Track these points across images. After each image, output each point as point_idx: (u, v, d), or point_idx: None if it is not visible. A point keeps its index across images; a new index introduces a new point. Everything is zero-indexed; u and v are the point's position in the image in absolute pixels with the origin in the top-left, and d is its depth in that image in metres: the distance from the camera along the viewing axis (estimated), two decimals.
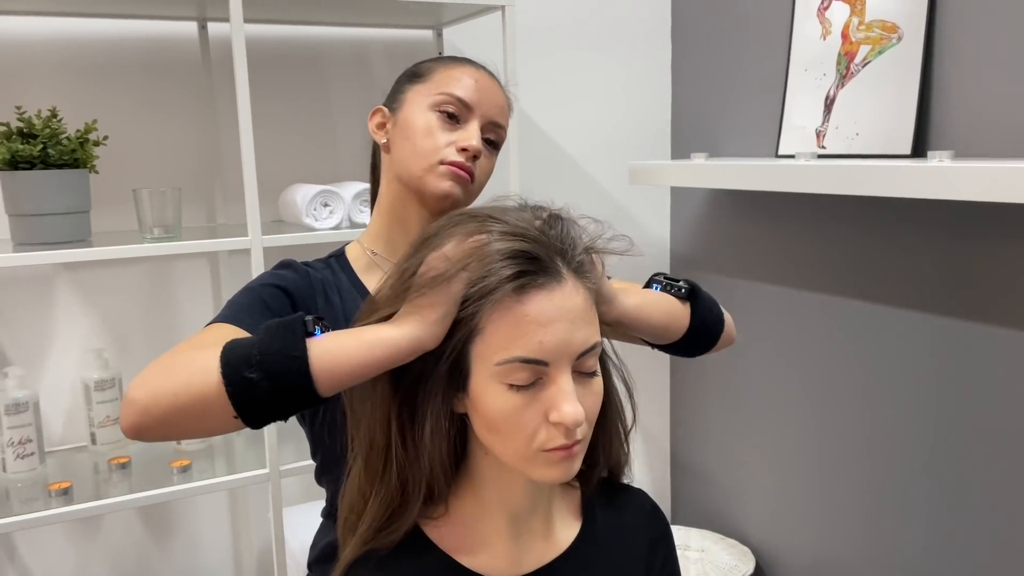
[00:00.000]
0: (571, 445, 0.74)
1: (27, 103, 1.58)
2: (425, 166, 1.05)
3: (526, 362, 0.72)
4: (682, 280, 1.01)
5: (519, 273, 0.72)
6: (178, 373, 0.75)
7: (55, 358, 1.68)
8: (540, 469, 0.75)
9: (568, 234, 0.77)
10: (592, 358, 0.75)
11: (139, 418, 0.75)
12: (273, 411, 0.74)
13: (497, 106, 1.11)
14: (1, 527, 1.40)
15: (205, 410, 0.74)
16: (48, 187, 1.44)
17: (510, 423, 0.73)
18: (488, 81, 1.11)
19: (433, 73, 1.10)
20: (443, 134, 1.06)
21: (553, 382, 0.73)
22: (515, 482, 0.81)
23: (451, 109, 1.07)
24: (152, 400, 0.75)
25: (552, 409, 0.72)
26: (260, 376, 0.72)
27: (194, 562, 1.86)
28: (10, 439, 1.52)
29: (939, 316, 1.58)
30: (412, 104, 1.09)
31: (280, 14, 1.69)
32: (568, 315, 0.73)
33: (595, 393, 0.77)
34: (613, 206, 2.19)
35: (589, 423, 0.77)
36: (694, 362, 2.23)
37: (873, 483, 1.75)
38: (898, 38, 1.59)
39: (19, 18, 1.60)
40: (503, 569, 0.82)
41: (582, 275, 0.77)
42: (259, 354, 0.73)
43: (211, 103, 1.74)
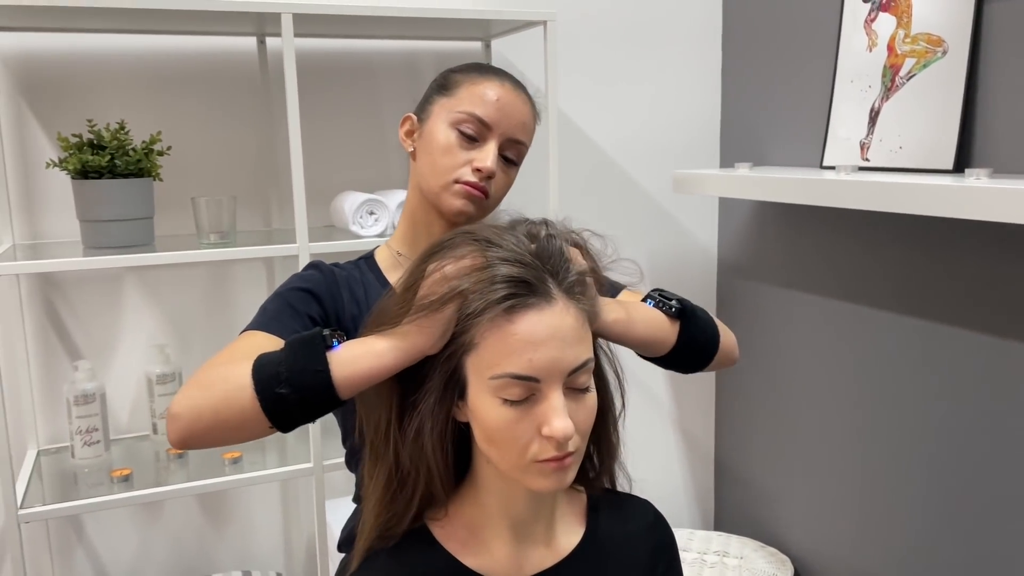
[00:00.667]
0: (563, 457, 0.78)
1: (98, 115, 1.70)
2: (442, 183, 1.11)
3: (517, 378, 0.76)
4: (675, 299, 1.03)
5: (509, 295, 0.76)
6: (215, 390, 0.84)
7: (122, 353, 1.80)
8: (534, 479, 0.79)
9: (562, 256, 0.81)
10: (583, 375, 0.79)
11: (184, 433, 0.85)
12: (303, 418, 0.83)
13: (518, 123, 1.13)
14: (69, 510, 1.51)
15: (243, 423, 0.83)
16: (115, 195, 1.55)
17: (504, 435, 0.78)
18: (511, 96, 1.13)
19: (459, 87, 1.13)
20: (461, 153, 1.11)
21: (545, 398, 0.77)
22: (516, 489, 0.85)
23: (470, 130, 1.11)
24: (195, 416, 0.84)
25: (544, 424, 0.77)
26: (290, 391, 0.81)
27: (248, 547, 1.96)
28: (78, 427, 1.64)
29: (981, 333, 1.56)
30: (436, 118, 1.13)
31: (333, 29, 1.77)
32: (558, 334, 0.77)
33: (588, 408, 0.81)
34: (660, 213, 2.22)
35: (582, 436, 0.81)
36: (739, 369, 2.23)
37: (915, 497, 1.74)
38: (943, 52, 1.57)
39: (92, 35, 1.71)
40: (504, 571, 0.87)
41: (573, 295, 0.80)
42: (287, 371, 0.81)
43: (268, 113, 1.83)
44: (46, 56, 1.69)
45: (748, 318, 2.19)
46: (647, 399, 2.29)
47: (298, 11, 1.52)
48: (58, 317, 1.75)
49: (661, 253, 2.24)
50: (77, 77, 1.71)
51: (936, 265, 1.65)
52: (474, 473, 0.88)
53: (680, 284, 2.27)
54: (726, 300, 2.28)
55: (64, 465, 1.69)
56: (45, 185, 1.71)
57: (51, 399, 1.77)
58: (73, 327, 1.77)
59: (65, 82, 1.70)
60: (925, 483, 1.70)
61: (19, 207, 1.70)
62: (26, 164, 1.70)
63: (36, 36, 1.67)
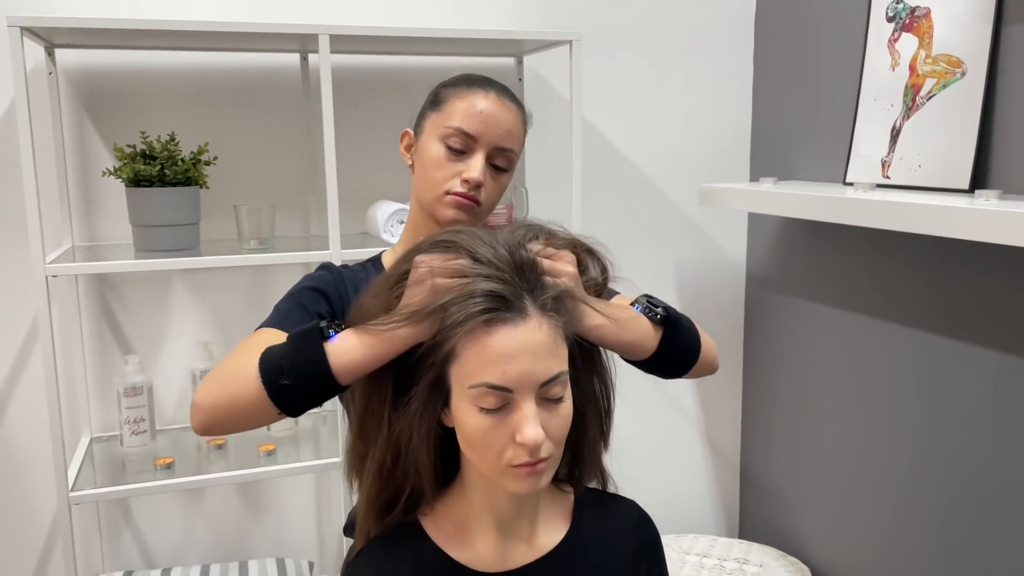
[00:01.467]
0: (535, 463, 0.85)
1: (151, 126, 1.82)
2: (435, 195, 1.18)
3: (492, 388, 0.83)
4: (661, 306, 1.06)
5: (487, 309, 0.83)
6: (229, 384, 0.94)
7: (169, 348, 1.92)
8: (510, 482, 0.86)
9: (536, 272, 0.87)
10: (556, 387, 0.85)
11: (205, 421, 0.96)
12: (308, 404, 0.93)
13: (503, 132, 1.18)
14: (114, 494, 1.63)
15: (255, 411, 0.93)
16: (164, 202, 1.66)
17: (481, 441, 0.85)
18: (495, 107, 1.18)
19: (446, 102, 1.19)
20: (450, 165, 1.17)
21: (518, 407, 0.84)
22: (499, 490, 0.92)
23: (457, 143, 1.17)
24: (213, 406, 0.95)
25: (516, 431, 0.83)
26: (292, 381, 0.90)
27: (283, 535, 2.06)
28: (127, 418, 1.76)
29: (999, 351, 1.58)
30: (428, 133, 1.20)
31: (370, 47, 1.86)
32: (531, 348, 0.83)
33: (561, 417, 0.87)
34: (689, 225, 2.26)
35: (556, 443, 0.87)
36: (766, 379, 2.26)
37: (937, 512, 1.76)
38: (962, 73, 1.59)
39: (147, 52, 1.83)
40: (489, 564, 0.94)
41: (547, 311, 0.86)
42: (288, 363, 0.91)
43: (309, 125, 1.93)
44: (105, 71, 1.81)
45: (775, 329, 2.23)
46: (675, 409, 2.33)
47: (335, 32, 1.61)
48: (112, 314, 1.88)
49: (689, 263, 2.29)
50: (133, 91, 1.83)
51: (952, 283, 1.67)
52: (462, 472, 0.95)
53: (708, 294, 2.31)
54: (754, 311, 2.32)
55: (114, 452, 1.81)
56: (102, 191, 1.84)
57: (104, 390, 1.89)
58: (125, 323, 1.89)
59: (122, 95, 1.83)
60: (948, 497, 1.72)
61: (78, 211, 1.83)
62: (85, 171, 1.83)
63: (96, 53, 1.80)
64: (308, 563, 1.97)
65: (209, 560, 2.01)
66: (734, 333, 2.36)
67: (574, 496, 1.01)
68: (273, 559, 1.94)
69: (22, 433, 1.85)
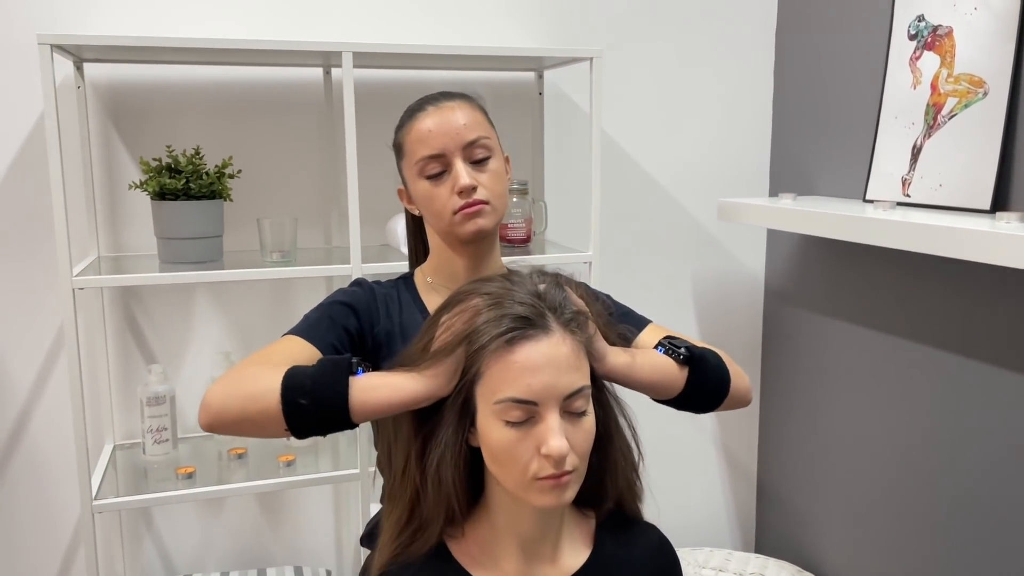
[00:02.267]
0: (560, 475, 0.86)
1: (177, 139, 1.85)
2: (446, 223, 1.19)
3: (517, 402, 0.85)
4: (684, 346, 1.08)
5: (510, 330, 0.86)
6: (247, 388, 0.96)
7: (191, 358, 1.95)
8: (535, 495, 0.88)
9: (563, 296, 0.91)
10: (579, 400, 0.88)
11: (213, 419, 0.97)
12: (316, 430, 0.95)
13: (459, 129, 1.16)
14: (137, 503, 1.66)
15: (264, 422, 0.94)
16: (189, 215, 1.69)
17: (507, 454, 0.87)
18: (439, 114, 1.17)
19: (404, 143, 1.21)
20: (440, 190, 1.17)
21: (543, 420, 0.86)
22: (524, 510, 0.93)
23: (432, 170, 1.17)
24: (224, 407, 0.96)
25: (541, 443, 0.85)
26: (309, 402, 0.93)
27: (301, 544, 2.09)
28: (150, 426, 1.78)
29: (1017, 372, 1.57)
30: (410, 181, 1.22)
31: (392, 63, 1.88)
32: (554, 362, 0.86)
33: (585, 431, 0.89)
34: (708, 239, 2.26)
35: (581, 457, 0.89)
36: (784, 393, 2.26)
37: (953, 530, 1.75)
38: (984, 93, 1.59)
39: (173, 67, 1.86)
40: None
41: (571, 329, 0.89)
42: (311, 385, 0.93)
43: (332, 138, 1.95)
44: (132, 85, 1.84)
45: (794, 344, 2.22)
46: (692, 422, 2.33)
47: (358, 50, 1.63)
48: (136, 324, 1.91)
49: (707, 277, 2.29)
50: (159, 104, 1.86)
51: (972, 304, 1.66)
52: (487, 495, 0.96)
53: (726, 308, 2.31)
54: (772, 326, 2.31)
55: (136, 460, 1.84)
56: (128, 202, 1.87)
57: (127, 399, 1.92)
58: (149, 333, 1.92)
59: (149, 109, 1.86)
60: (965, 516, 1.71)
61: (105, 222, 1.86)
62: (112, 183, 1.86)
63: (123, 67, 1.83)
64: (326, 571, 1.98)
65: (228, 568, 2.03)
66: (752, 347, 2.36)
67: (596, 520, 1.02)
68: (291, 567, 1.97)
69: (47, 441, 1.89)
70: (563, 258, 1.86)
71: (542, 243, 2.02)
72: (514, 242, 1.91)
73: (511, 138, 2.07)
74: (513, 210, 1.90)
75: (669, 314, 2.27)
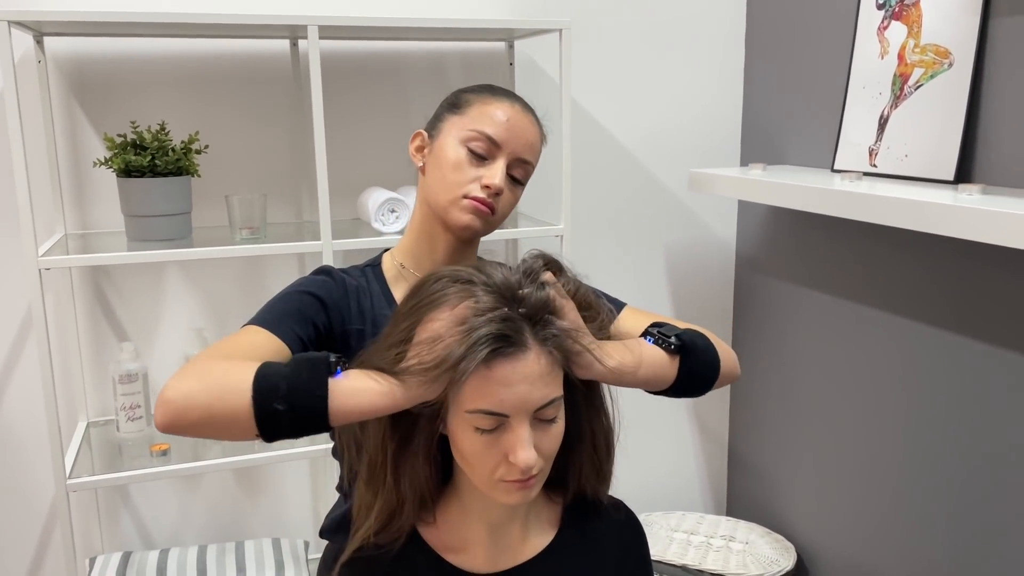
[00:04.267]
0: (526, 480, 0.88)
1: (141, 114, 1.82)
2: (451, 198, 1.13)
3: (489, 414, 0.86)
4: (674, 335, 1.04)
5: (487, 347, 0.83)
6: (212, 386, 0.85)
7: (163, 335, 1.94)
8: (501, 494, 0.90)
9: (546, 307, 0.88)
10: (551, 410, 0.88)
11: (172, 419, 0.85)
12: (290, 434, 0.86)
13: (526, 143, 1.16)
14: (112, 481, 1.66)
15: (232, 425, 0.85)
16: (155, 192, 1.67)
17: (476, 458, 0.88)
18: (520, 117, 1.16)
19: (470, 107, 1.16)
20: (471, 169, 1.13)
21: (512, 430, 0.86)
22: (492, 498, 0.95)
23: (480, 148, 1.13)
24: (186, 406, 0.85)
25: (510, 452, 0.86)
26: (286, 408, 0.84)
27: (279, 515, 2.10)
28: (123, 404, 1.78)
29: (975, 339, 1.60)
30: (447, 135, 1.15)
31: (361, 34, 1.86)
32: (529, 378, 0.86)
33: (553, 436, 0.90)
34: (681, 209, 2.27)
35: (547, 459, 0.90)
36: (755, 361, 2.29)
37: (918, 492, 1.80)
38: (949, 64, 1.60)
39: (137, 40, 1.83)
40: (480, 567, 0.97)
41: (547, 344, 0.87)
42: (287, 389, 0.84)
43: (301, 112, 1.93)
44: (95, 60, 1.81)
45: (764, 313, 2.25)
46: None
47: (324, 23, 1.61)
48: (106, 301, 1.90)
49: (679, 247, 2.30)
50: (123, 79, 1.83)
51: (936, 273, 1.69)
52: (456, 479, 0.98)
53: (698, 278, 2.33)
54: (743, 295, 2.34)
55: (110, 437, 1.84)
56: (94, 178, 1.85)
57: (100, 376, 1.92)
58: (120, 311, 1.91)
59: (112, 83, 1.83)
60: (930, 479, 1.76)
61: (71, 199, 1.84)
62: (77, 160, 1.83)
63: (86, 41, 1.80)
64: (304, 542, 2.01)
65: (206, 541, 2.05)
66: (723, 316, 2.39)
67: (563, 503, 1.04)
68: (269, 539, 1.98)
69: (20, 421, 1.88)
70: (535, 231, 1.86)
71: (514, 215, 2.02)
72: None
73: None
74: None
75: (641, 285, 2.29)
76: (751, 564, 2.07)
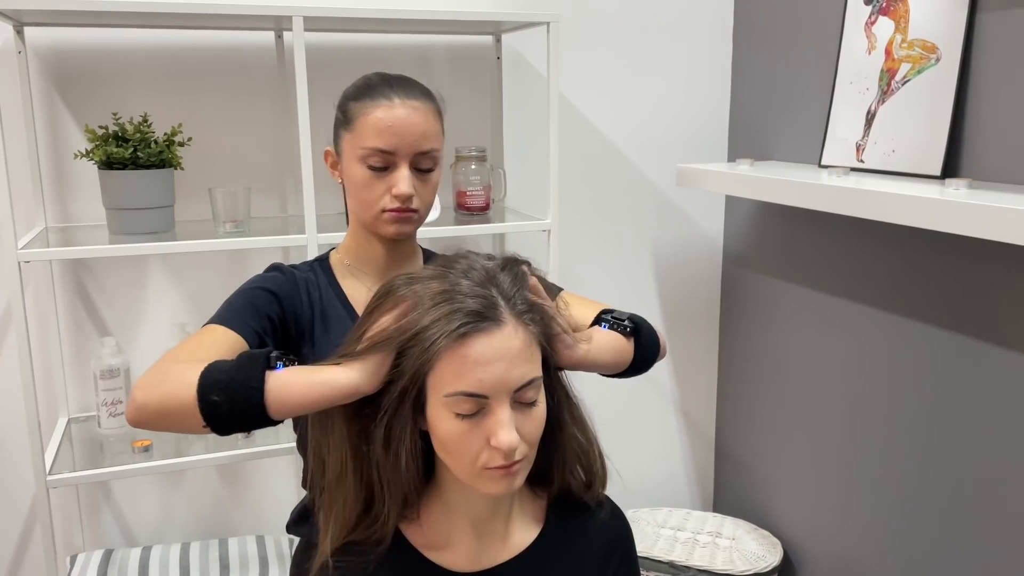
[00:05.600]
0: (509, 465, 0.86)
1: (124, 106, 1.80)
2: (371, 215, 1.18)
3: (468, 395, 0.84)
4: (626, 319, 1.10)
5: (463, 324, 0.84)
6: (166, 384, 0.93)
7: (146, 330, 1.92)
8: (484, 483, 0.88)
9: (518, 281, 0.89)
10: (531, 391, 0.87)
11: (135, 414, 0.95)
12: (235, 426, 0.92)
13: (419, 136, 1.15)
14: (92, 477, 1.64)
15: (183, 418, 0.92)
16: (137, 185, 1.65)
17: (457, 445, 0.86)
18: (403, 112, 1.15)
19: (355, 120, 1.16)
20: (377, 184, 1.16)
21: (493, 412, 0.85)
22: (475, 491, 0.93)
23: (377, 162, 1.15)
24: (145, 402, 0.94)
25: (492, 436, 0.85)
26: (223, 399, 0.89)
27: (262, 512, 2.08)
28: (104, 399, 1.76)
29: (963, 335, 1.61)
30: (347, 155, 1.18)
31: (346, 26, 1.84)
32: (506, 355, 0.85)
33: (535, 420, 0.89)
34: (667, 204, 2.27)
35: (531, 445, 0.89)
36: (742, 356, 2.29)
37: (904, 488, 1.80)
38: (936, 59, 1.60)
39: (119, 30, 1.80)
40: (464, 565, 0.96)
41: (523, 319, 0.88)
42: (226, 381, 0.90)
43: (286, 104, 1.91)
44: (76, 50, 1.79)
45: (751, 309, 2.25)
46: (651, 384, 2.36)
47: (309, 14, 1.59)
48: (87, 295, 1.87)
49: (666, 242, 2.30)
50: (105, 70, 1.81)
51: (921, 268, 1.69)
52: (438, 475, 0.96)
53: (685, 273, 2.33)
54: (730, 290, 2.34)
55: (92, 433, 1.81)
56: (76, 171, 1.82)
57: (81, 372, 1.89)
58: (101, 305, 1.89)
59: (93, 74, 1.80)
60: (916, 473, 1.76)
61: (51, 192, 1.82)
62: (57, 152, 1.81)
63: (67, 31, 1.77)
64: (288, 540, 1.99)
65: (189, 538, 2.03)
66: (711, 311, 2.38)
67: (547, 499, 1.02)
68: (253, 536, 1.96)
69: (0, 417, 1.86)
70: (522, 226, 1.85)
71: (501, 210, 2.00)
72: (472, 210, 1.90)
73: (469, 104, 2.04)
74: (471, 177, 1.88)
75: (628, 280, 2.28)
76: (738, 560, 2.06)
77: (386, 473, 0.91)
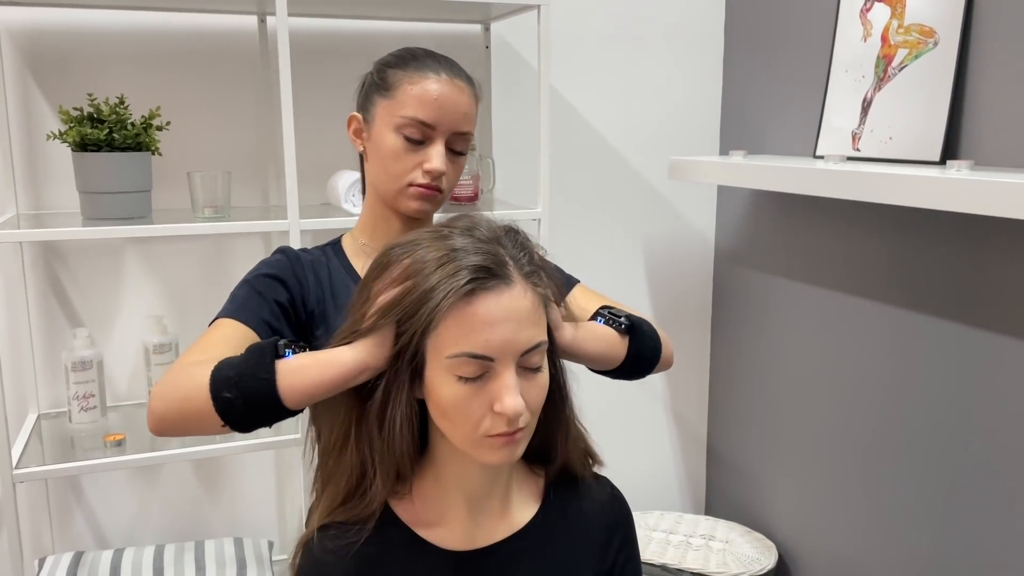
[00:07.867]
0: (512, 432, 0.81)
1: (100, 89, 1.74)
2: (396, 188, 1.13)
3: (473, 357, 0.79)
4: (624, 316, 1.07)
5: (470, 280, 0.79)
6: (181, 389, 0.91)
7: (121, 322, 1.85)
8: (485, 452, 0.83)
9: (524, 244, 0.85)
10: (537, 355, 0.82)
11: (156, 424, 0.93)
12: (252, 422, 0.88)
13: (460, 116, 1.13)
14: (60, 471, 1.57)
15: (202, 420, 0.89)
16: (113, 168, 1.59)
17: (458, 411, 0.81)
18: (449, 90, 1.12)
19: (396, 88, 1.12)
20: (410, 156, 1.12)
21: (498, 376, 0.80)
22: (471, 464, 0.88)
23: (415, 134, 1.11)
24: (164, 410, 0.92)
25: (496, 401, 0.80)
26: (236, 395, 0.86)
27: (241, 513, 2.01)
28: (76, 393, 1.69)
29: (966, 324, 1.57)
30: (380, 122, 1.14)
31: (332, 10, 1.79)
32: (514, 316, 0.80)
33: (539, 387, 0.84)
34: (658, 199, 2.23)
35: (533, 413, 0.84)
36: (734, 355, 2.25)
37: (900, 488, 1.75)
38: (934, 43, 1.57)
39: (96, 11, 1.75)
40: (458, 543, 0.90)
41: (531, 280, 0.83)
42: (236, 376, 0.87)
43: (268, 91, 1.86)
44: (52, 31, 1.73)
45: (744, 304, 2.21)
46: (642, 385, 2.31)
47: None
48: (60, 285, 1.81)
49: (657, 237, 2.26)
50: (81, 52, 1.75)
51: (922, 257, 1.65)
52: (431, 450, 0.91)
53: (676, 269, 2.29)
54: (722, 286, 2.30)
55: (62, 429, 1.74)
56: (49, 157, 1.76)
57: (52, 365, 1.82)
58: (74, 295, 1.82)
59: (69, 56, 1.74)
60: (914, 473, 1.72)
61: (23, 177, 1.75)
62: (30, 136, 1.75)
63: (42, 11, 1.71)
64: (268, 542, 1.91)
65: (164, 540, 1.95)
66: (702, 308, 2.34)
67: (546, 477, 0.97)
68: (231, 538, 1.89)
69: None
70: (513, 214, 1.80)
71: (490, 201, 1.96)
72: (461, 200, 1.85)
73: None
74: None
75: (619, 272, 2.23)
76: (732, 563, 2.01)
77: (378, 442, 0.85)
